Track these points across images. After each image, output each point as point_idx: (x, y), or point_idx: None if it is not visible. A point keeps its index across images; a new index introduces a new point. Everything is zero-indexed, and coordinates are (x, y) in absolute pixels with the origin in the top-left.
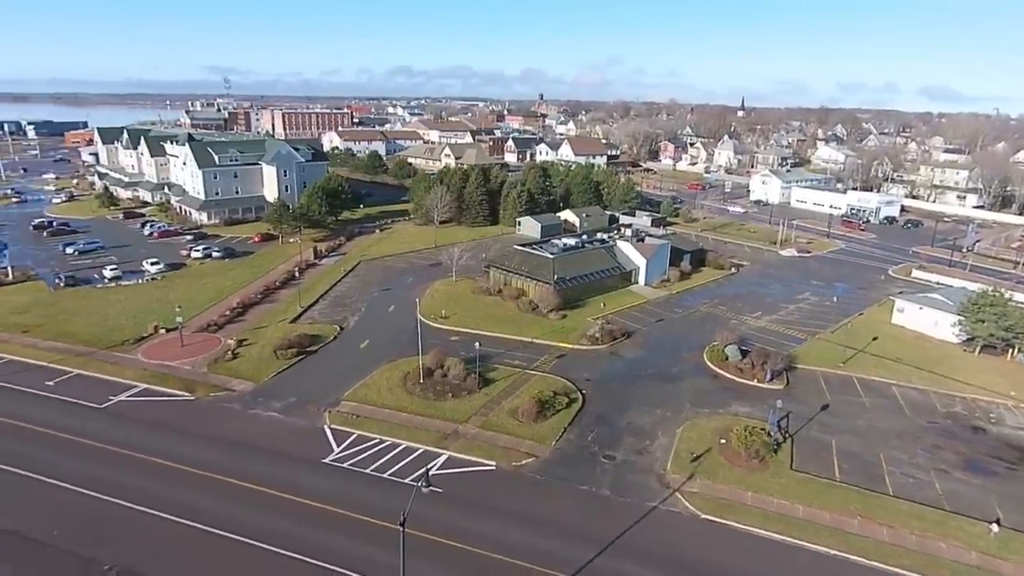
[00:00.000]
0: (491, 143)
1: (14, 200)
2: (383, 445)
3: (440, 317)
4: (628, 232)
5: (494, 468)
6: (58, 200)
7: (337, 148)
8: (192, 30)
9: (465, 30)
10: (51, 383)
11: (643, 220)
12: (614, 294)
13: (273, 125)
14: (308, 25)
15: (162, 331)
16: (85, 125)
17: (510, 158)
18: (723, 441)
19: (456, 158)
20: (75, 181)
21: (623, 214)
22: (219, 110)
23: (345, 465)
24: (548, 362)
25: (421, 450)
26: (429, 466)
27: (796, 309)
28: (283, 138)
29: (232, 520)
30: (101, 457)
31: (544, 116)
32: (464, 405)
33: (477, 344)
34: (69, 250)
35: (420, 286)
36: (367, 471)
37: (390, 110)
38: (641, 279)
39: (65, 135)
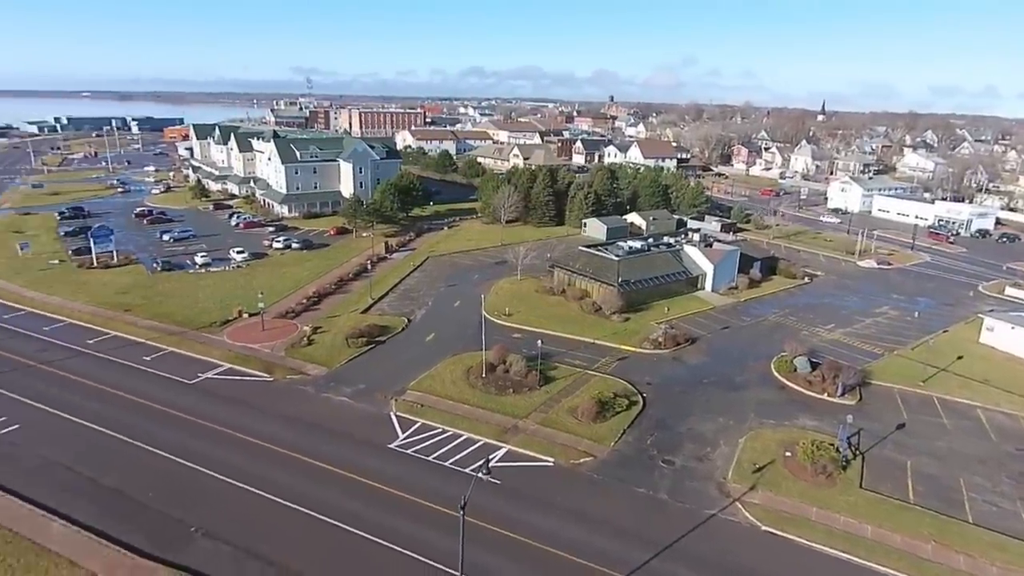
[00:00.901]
0: (560, 144)
1: (119, 190)
2: (445, 435)
3: (504, 314)
4: (696, 237)
5: (552, 465)
6: (156, 191)
7: (409, 147)
8: (279, 32)
9: (537, 31)
10: (148, 358)
11: (712, 225)
12: (679, 299)
13: (350, 123)
14: (386, 27)
15: (245, 315)
16: (181, 121)
17: (578, 159)
18: (788, 454)
19: (524, 158)
20: (172, 173)
21: (691, 218)
22: (301, 109)
23: (409, 451)
24: (609, 364)
25: (482, 442)
26: (490, 456)
27: (873, 323)
28: (359, 136)
29: (304, 495)
30: (190, 429)
31: (614, 118)
32: (524, 401)
33: (539, 342)
34: (165, 237)
35: (485, 283)
36: (429, 459)
37: (461, 110)
38: (708, 285)
39: (164, 131)
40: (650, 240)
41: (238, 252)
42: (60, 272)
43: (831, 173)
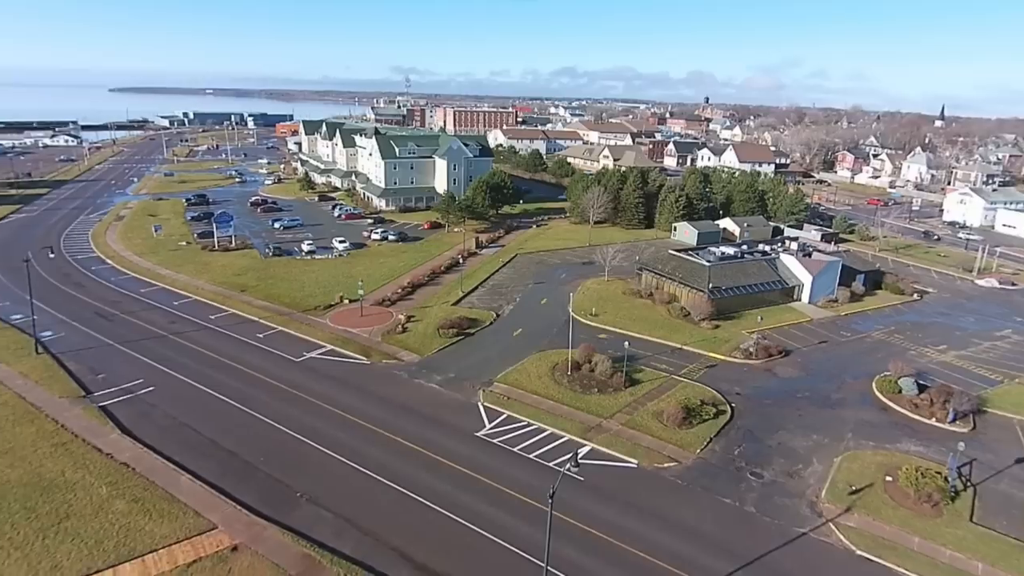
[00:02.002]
0: (651, 146)
1: (237, 180)
2: (530, 428)
3: (590, 314)
4: (794, 246)
5: (635, 466)
6: (269, 182)
7: (501, 145)
8: (380, 34)
9: (633, 32)
10: (261, 335)
11: (811, 234)
12: (773, 309)
13: (444, 122)
14: (482, 28)
15: (346, 301)
16: (291, 118)
17: (669, 162)
18: (889, 478)
19: (615, 160)
20: (282, 166)
21: (789, 226)
22: (399, 107)
23: (495, 441)
24: (696, 371)
25: (566, 438)
26: (577, 451)
27: (992, 347)
28: (453, 134)
29: (396, 472)
30: (296, 402)
31: (708, 120)
32: (609, 401)
33: (626, 344)
34: (276, 225)
35: (572, 282)
36: (514, 450)
37: (552, 110)
38: (805, 296)
39: (276, 126)
40: (744, 247)
41: (340, 242)
42: (187, 253)
43: (948, 184)
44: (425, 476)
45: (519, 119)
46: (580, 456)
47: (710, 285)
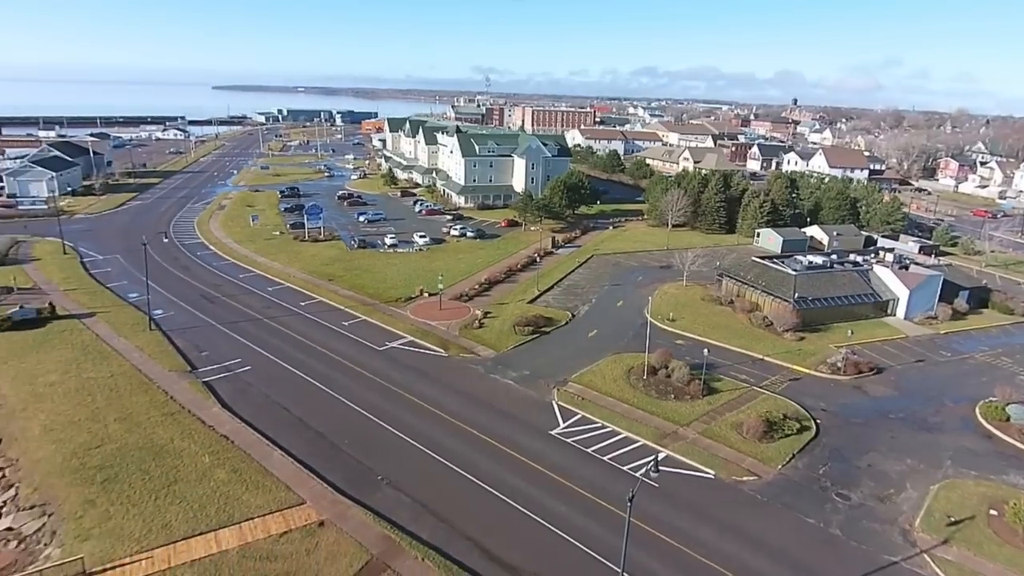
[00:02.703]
0: (733, 149)
1: (326, 175)
2: (604, 430)
3: (667, 319)
4: (889, 257)
5: (712, 477)
6: (354, 177)
7: (579, 145)
8: (462, 34)
9: (717, 31)
10: (346, 323)
11: (908, 246)
12: (864, 323)
13: (523, 121)
14: (561, 28)
15: (426, 295)
16: (376, 115)
17: (753, 166)
18: (994, 512)
19: (695, 162)
20: (367, 162)
21: (883, 237)
22: (479, 106)
23: (569, 440)
24: (779, 383)
25: (640, 443)
26: (658, 455)
27: None
28: (531, 133)
29: (471, 464)
30: (379, 389)
31: (796, 123)
32: (686, 409)
33: (705, 351)
34: (361, 218)
35: (649, 286)
36: (588, 451)
37: (630, 110)
38: (900, 311)
39: (361, 123)
40: (833, 256)
41: (421, 236)
42: (280, 242)
43: None
44: (499, 470)
45: (597, 119)
46: (649, 464)
47: (796, 295)
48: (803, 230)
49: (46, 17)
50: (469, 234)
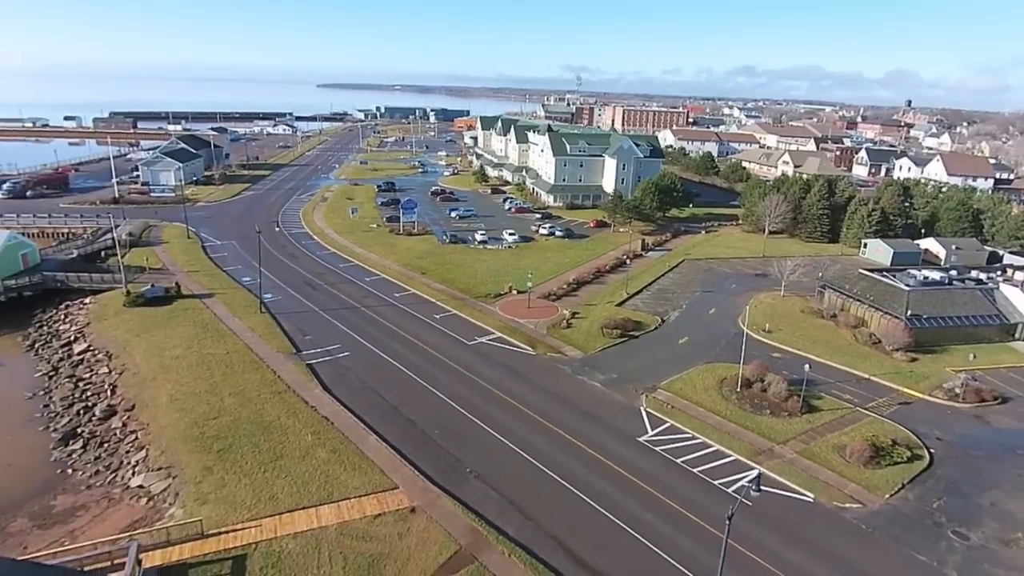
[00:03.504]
0: (838, 153)
1: (419, 171)
2: (694, 441)
3: (763, 330)
4: (1019, 276)
5: (811, 501)
6: (447, 173)
7: (671, 146)
8: (554, 33)
9: (821, 27)
10: (438, 316)
11: None
12: (987, 347)
13: (613, 120)
14: (654, 26)
15: (514, 292)
16: (468, 113)
17: (859, 171)
18: None
19: (795, 166)
20: (459, 159)
21: (1011, 252)
22: (568, 104)
23: (658, 449)
24: (887, 406)
25: (732, 458)
26: (760, 475)
27: None
28: (622, 133)
29: (558, 464)
30: (467, 382)
31: (909, 126)
32: (783, 425)
33: (807, 367)
34: (453, 214)
35: (743, 294)
36: (677, 461)
37: (725, 111)
38: None
39: (454, 121)
40: (952, 272)
41: (510, 234)
42: (377, 234)
43: None
44: (585, 472)
45: (690, 120)
46: (748, 480)
47: (908, 312)
48: (916, 242)
49: (174, 20)
50: (558, 233)
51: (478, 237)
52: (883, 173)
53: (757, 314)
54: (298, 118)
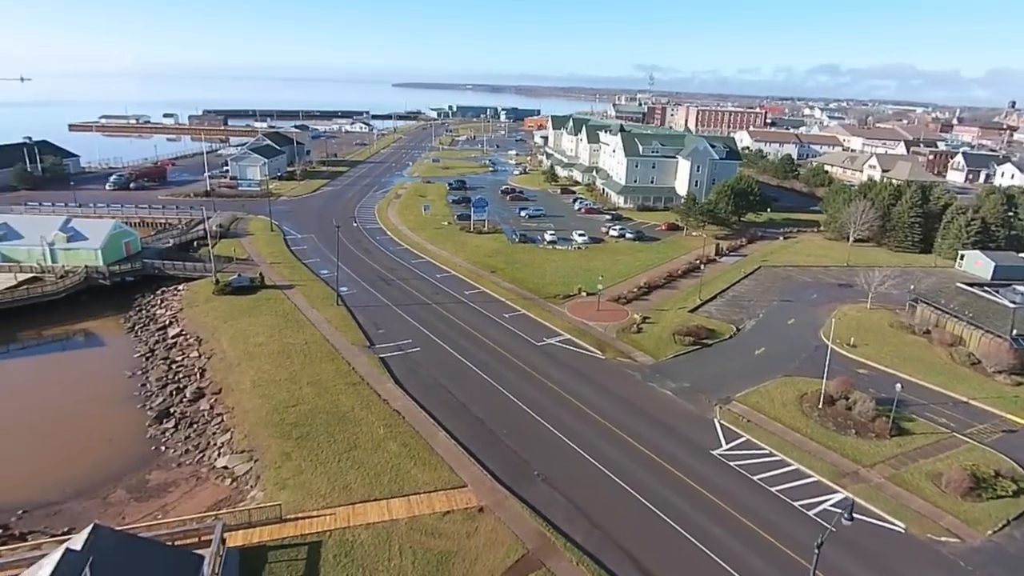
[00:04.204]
0: (931, 157)
1: (490, 169)
2: (772, 459)
3: (847, 344)
4: None
5: (902, 531)
6: (516, 172)
7: (747, 148)
8: (625, 31)
9: (911, 23)
10: (506, 316)
11: None
12: None
13: (686, 121)
14: (730, 23)
15: (583, 294)
16: (538, 112)
17: (955, 177)
18: None
19: (883, 170)
20: (528, 158)
21: None
22: (640, 104)
23: (732, 464)
24: (988, 433)
25: (814, 479)
26: (853, 503)
27: None
28: (695, 134)
29: (627, 473)
30: (535, 384)
31: (1012, 129)
32: (870, 448)
33: (898, 386)
34: (522, 214)
35: (825, 305)
36: (754, 478)
37: (806, 112)
38: None
39: (524, 120)
40: None
41: (579, 235)
42: (448, 232)
43: None
44: (656, 483)
45: (768, 120)
46: (831, 504)
47: (1014, 332)
48: (1022, 255)
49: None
50: (628, 235)
51: (547, 237)
52: (982, 180)
53: (841, 327)
54: (374, 116)
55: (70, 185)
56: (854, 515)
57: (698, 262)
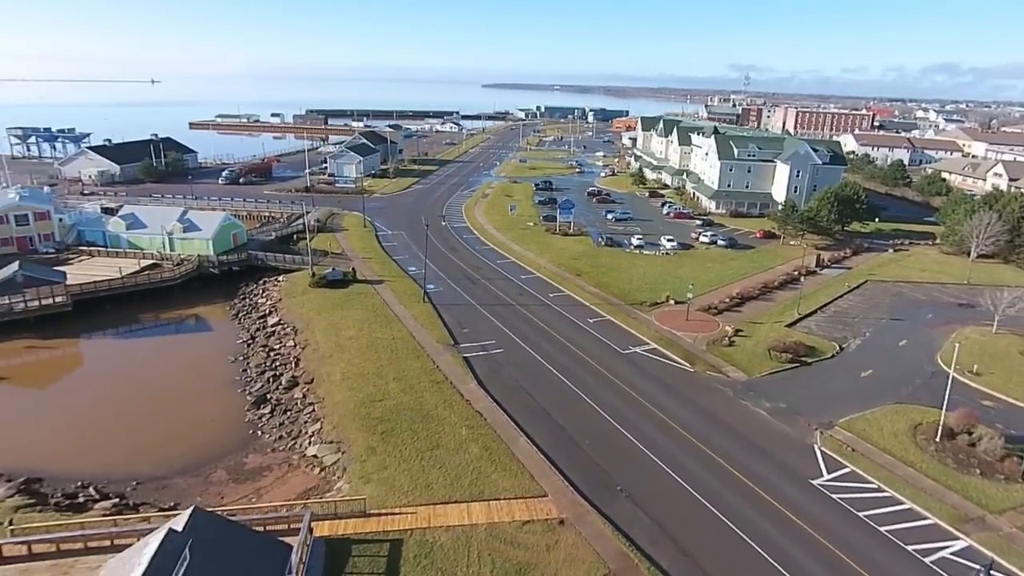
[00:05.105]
0: None
1: (576, 170)
2: (882, 495)
3: (969, 371)
4: None
5: None
6: (603, 174)
7: (852, 152)
8: (720, 31)
9: None
10: (591, 321)
11: None
12: None
13: (784, 123)
14: (833, 18)
15: (671, 302)
16: (626, 113)
17: None
18: None
19: (1011, 179)
20: (616, 160)
21: None
22: (734, 105)
23: (835, 497)
24: None
25: (930, 521)
26: (991, 563)
27: None
28: (794, 137)
29: (717, 496)
30: (620, 394)
31: None
32: (998, 491)
33: None
34: (609, 216)
35: (942, 327)
36: (859, 514)
37: (919, 114)
38: None
39: (612, 121)
40: None
41: (668, 240)
42: (533, 233)
43: None
44: (748, 510)
45: (876, 123)
46: (952, 552)
47: None
48: None
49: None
50: (720, 242)
51: (634, 241)
52: None
53: (962, 351)
54: (463, 116)
55: (188, 179)
56: (954, 558)
57: (796, 273)
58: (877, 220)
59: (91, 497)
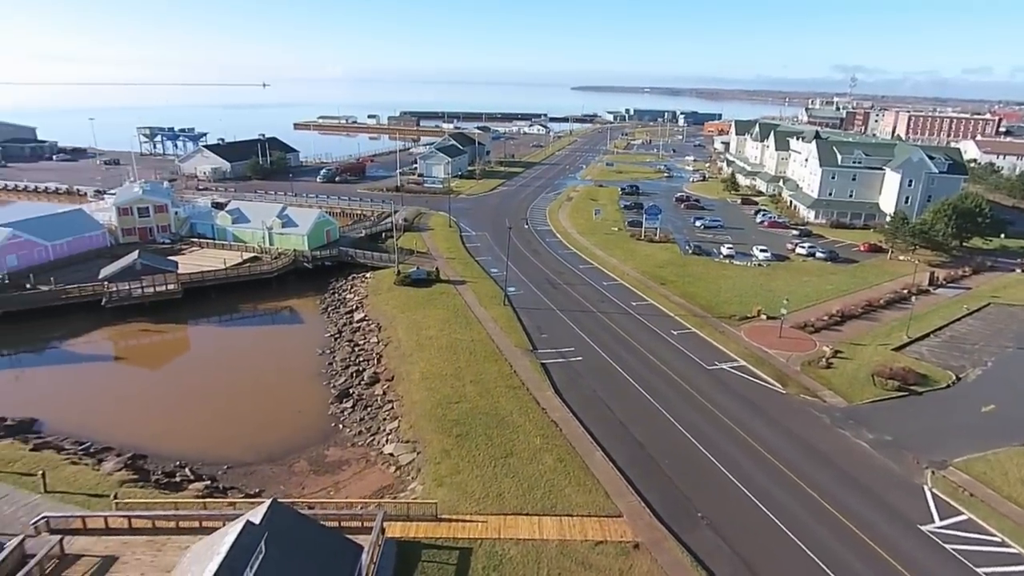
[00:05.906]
0: None
1: (664, 175)
2: (1005, 550)
3: None
4: None
5: None
6: (693, 179)
7: (974, 160)
8: (823, 29)
9: None
10: (675, 332)
11: None
12: None
13: (894, 127)
14: (952, 15)
15: (763, 316)
16: (719, 117)
17: None
18: None
19: None
20: (707, 164)
21: None
22: (838, 108)
23: (948, 547)
24: None
25: None
26: None
27: None
28: (907, 142)
29: (811, 535)
30: (704, 413)
31: None
32: None
33: None
34: (697, 223)
35: None
36: (978, 571)
37: None
38: None
39: (704, 124)
40: None
41: (761, 250)
42: (617, 238)
43: None
44: (846, 554)
45: (1002, 128)
46: None
47: None
48: None
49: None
50: (819, 254)
51: (724, 251)
52: None
53: None
54: (551, 119)
55: (289, 177)
56: None
57: (906, 292)
58: (1002, 236)
59: (187, 477)
